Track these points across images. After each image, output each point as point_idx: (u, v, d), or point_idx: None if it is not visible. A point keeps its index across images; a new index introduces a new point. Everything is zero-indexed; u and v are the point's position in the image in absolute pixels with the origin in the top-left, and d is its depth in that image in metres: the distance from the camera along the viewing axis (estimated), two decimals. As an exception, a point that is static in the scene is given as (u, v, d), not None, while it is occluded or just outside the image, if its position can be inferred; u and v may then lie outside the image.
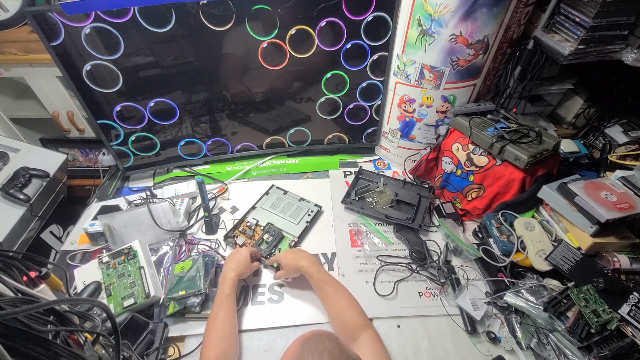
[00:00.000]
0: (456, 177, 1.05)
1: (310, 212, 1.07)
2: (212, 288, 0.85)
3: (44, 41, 0.87)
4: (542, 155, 0.88)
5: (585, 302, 0.75)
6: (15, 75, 1.24)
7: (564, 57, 0.94)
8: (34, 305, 0.37)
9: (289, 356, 0.57)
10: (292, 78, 1.11)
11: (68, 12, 0.84)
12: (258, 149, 1.27)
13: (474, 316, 0.81)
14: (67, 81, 0.95)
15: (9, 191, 1.06)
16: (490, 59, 0.99)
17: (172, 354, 0.78)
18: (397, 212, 1.06)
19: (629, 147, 1.10)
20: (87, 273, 0.87)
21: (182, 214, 1.02)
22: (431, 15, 0.87)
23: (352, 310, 0.77)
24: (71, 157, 1.51)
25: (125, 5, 0.85)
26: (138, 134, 1.11)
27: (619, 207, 0.81)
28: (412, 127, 1.13)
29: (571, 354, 0.72)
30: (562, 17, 0.95)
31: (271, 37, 0.98)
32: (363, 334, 0.73)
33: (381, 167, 1.28)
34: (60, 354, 0.41)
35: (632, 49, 0.93)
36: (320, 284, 0.82)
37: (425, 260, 0.93)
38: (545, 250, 0.86)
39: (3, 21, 1.15)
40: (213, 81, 1.06)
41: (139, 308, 0.81)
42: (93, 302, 0.62)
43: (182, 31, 0.93)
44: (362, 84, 1.11)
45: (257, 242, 0.98)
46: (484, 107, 1.04)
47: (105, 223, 0.94)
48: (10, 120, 1.41)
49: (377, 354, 0.69)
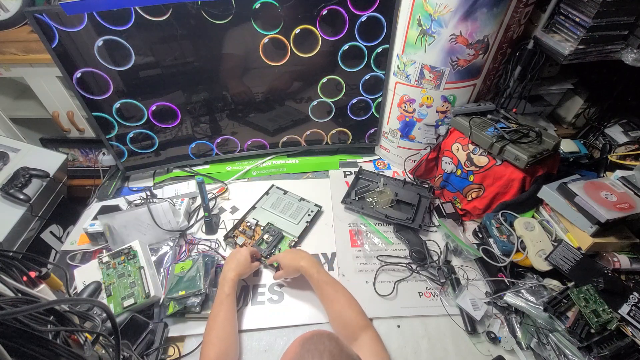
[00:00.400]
0: (456, 177, 1.05)
1: (310, 212, 1.07)
2: (212, 288, 0.85)
3: (44, 41, 0.87)
4: (542, 155, 0.88)
5: (585, 302, 0.75)
6: (15, 75, 1.24)
7: (564, 57, 0.94)
8: (34, 305, 0.37)
9: (289, 356, 0.57)
10: (292, 78, 1.11)
11: (68, 12, 0.84)
12: (270, 148, 1.28)
13: (474, 316, 0.81)
14: (67, 81, 0.95)
15: (9, 191, 1.06)
16: (490, 59, 0.99)
17: (172, 354, 0.78)
18: (397, 212, 1.06)
19: (629, 147, 1.10)
20: (87, 273, 0.87)
21: (182, 214, 1.02)
22: (431, 15, 0.87)
23: (351, 310, 0.77)
24: (71, 157, 1.51)
25: (125, 5, 0.85)
26: (138, 130, 1.10)
27: (619, 207, 0.81)
28: (412, 127, 1.13)
29: (571, 354, 0.72)
30: (562, 17, 0.95)
31: (275, 33, 0.98)
32: (363, 334, 0.73)
33: (381, 167, 1.28)
34: (60, 354, 0.41)
35: (632, 49, 0.93)
36: (320, 284, 0.82)
37: (425, 260, 0.93)
38: (545, 250, 0.86)
39: (3, 21, 1.15)
40: (214, 81, 1.06)
41: (139, 308, 0.81)
42: (93, 302, 0.62)
43: (181, 31, 0.93)
44: (365, 77, 1.11)
45: (257, 242, 0.98)
46: (484, 107, 1.04)
47: (105, 223, 0.94)
48: (10, 120, 1.41)
49: (377, 353, 0.69)
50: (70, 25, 0.86)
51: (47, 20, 0.84)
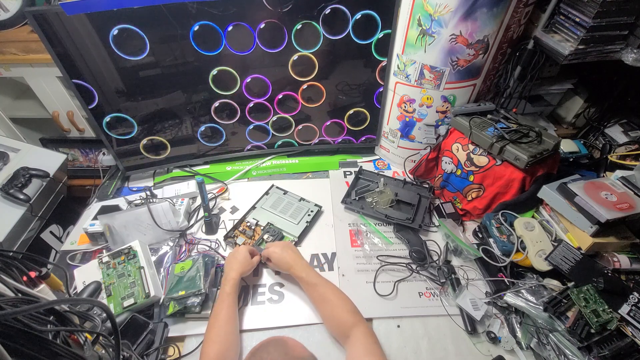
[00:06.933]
0: (456, 177, 1.05)
1: (310, 212, 1.07)
2: (212, 288, 0.85)
3: (44, 41, 0.87)
4: (542, 155, 0.88)
5: (585, 302, 0.75)
6: (15, 75, 1.24)
7: (564, 57, 0.94)
8: (34, 305, 0.37)
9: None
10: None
11: (68, 12, 0.84)
12: (269, 148, 1.28)
13: (474, 316, 0.81)
14: (67, 81, 0.95)
15: (9, 191, 1.06)
16: (490, 59, 0.99)
17: (172, 354, 0.78)
18: (397, 212, 1.06)
19: (629, 147, 1.10)
20: (87, 273, 0.87)
21: (182, 214, 1.02)
22: (431, 15, 0.87)
23: (341, 309, 0.77)
24: (71, 157, 1.51)
25: (125, 5, 0.85)
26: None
27: (619, 207, 0.81)
28: (412, 127, 1.13)
29: (571, 354, 0.72)
30: (562, 17, 0.95)
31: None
32: (354, 331, 0.73)
33: (381, 167, 1.28)
34: (60, 354, 0.41)
35: (632, 49, 0.93)
36: (310, 286, 0.82)
37: (425, 260, 0.93)
38: (545, 250, 0.86)
39: (3, 21, 1.15)
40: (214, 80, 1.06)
41: (139, 308, 0.81)
42: (93, 302, 0.62)
43: (182, 31, 0.93)
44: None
45: (257, 242, 0.98)
46: (484, 107, 1.04)
47: (105, 223, 0.94)
48: (10, 120, 1.41)
49: (368, 348, 0.69)
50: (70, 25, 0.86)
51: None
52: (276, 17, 0.95)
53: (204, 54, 0.98)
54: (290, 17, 0.95)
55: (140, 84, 1.01)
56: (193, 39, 0.95)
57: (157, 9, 0.88)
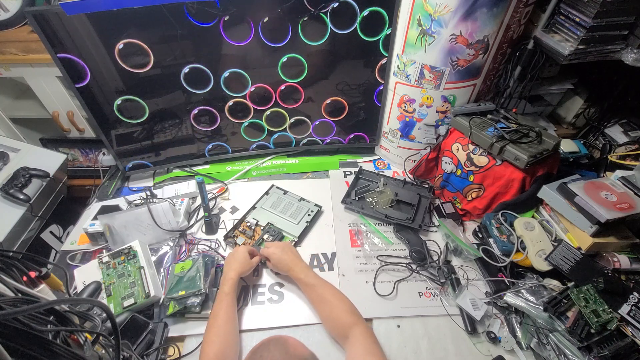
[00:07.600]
0: (456, 177, 1.05)
1: (310, 212, 1.07)
2: (212, 288, 0.85)
3: (44, 41, 0.87)
4: (542, 155, 0.88)
5: (585, 302, 0.75)
6: (15, 75, 1.24)
7: (564, 57, 0.94)
8: (34, 305, 0.37)
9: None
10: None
11: (68, 12, 0.84)
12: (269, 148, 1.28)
13: (474, 316, 0.81)
14: (67, 81, 0.95)
15: (9, 191, 1.06)
16: (490, 59, 0.99)
17: (172, 354, 0.78)
18: (397, 212, 1.06)
19: (629, 147, 1.10)
20: (87, 273, 0.87)
21: (182, 214, 1.02)
22: (431, 15, 0.87)
23: (340, 310, 0.77)
24: (71, 157, 1.51)
25: (125, 5, 0.85)
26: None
27: (619, 207, 0.81)
28: (412, 127, 1.13)
29: (571, 354, 0.72)
30: (562, 17, 0.95)
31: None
32: (353, 331, 0.73)
33: (381, 167, 1.28)
34: (60, 354, 0.41)
35: (632, 49, 0.93)
36: (308, 287, 0.83)
37: (425, 260, 0.93)
38: (545, 250, 0.86)
39: (3, 21, 1.15)
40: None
41: (139, 308, 0.81)
42: (93, 302, 0.62)
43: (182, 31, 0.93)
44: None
45: (257, 242, 0.98)
46: (484, 107, 1.04)
47: (105, 223, 0.94)
48: (10, 120, 1.41)
49: (367, 348, 0.69)
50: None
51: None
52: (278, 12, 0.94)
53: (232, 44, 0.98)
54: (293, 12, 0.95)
55: (140, 83, 1.01)
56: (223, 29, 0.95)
57: (157, 9, 0.88)
